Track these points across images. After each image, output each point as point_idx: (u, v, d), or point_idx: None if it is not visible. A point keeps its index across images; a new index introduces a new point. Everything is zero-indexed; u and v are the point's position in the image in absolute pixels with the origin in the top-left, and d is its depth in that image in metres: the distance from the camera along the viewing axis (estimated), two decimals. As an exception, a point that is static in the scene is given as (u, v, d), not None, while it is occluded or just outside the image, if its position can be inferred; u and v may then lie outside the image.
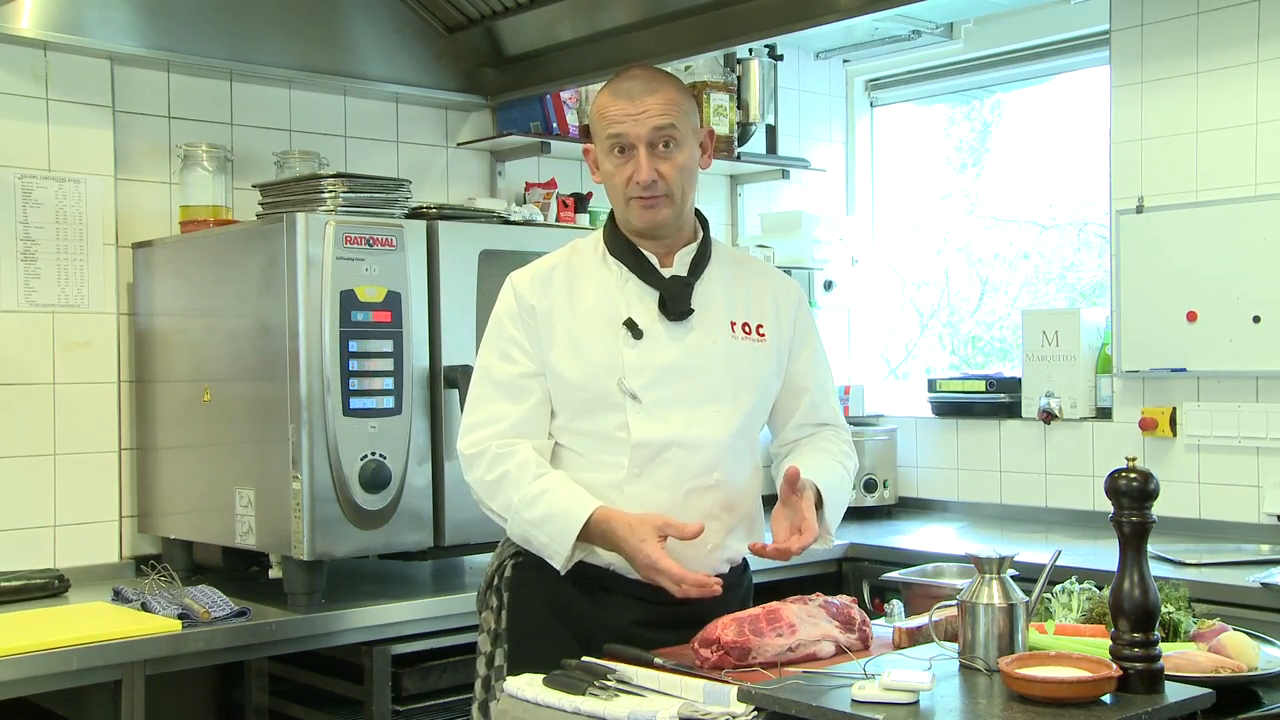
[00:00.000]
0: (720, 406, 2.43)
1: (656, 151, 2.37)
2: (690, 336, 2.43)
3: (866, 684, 1.87)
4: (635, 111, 2.36)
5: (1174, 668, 1.97)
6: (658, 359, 2.40)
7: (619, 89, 2.40)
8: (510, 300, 2.48)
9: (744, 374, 2.47)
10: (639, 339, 2.40)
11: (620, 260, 2.46)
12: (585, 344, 2.41)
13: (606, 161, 2.42)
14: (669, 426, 2.38)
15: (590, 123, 2.49)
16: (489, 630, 2.52)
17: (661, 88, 2.39)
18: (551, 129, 4.29)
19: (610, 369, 2.39)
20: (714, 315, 2.47)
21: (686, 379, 2.40)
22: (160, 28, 3.57)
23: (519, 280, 2.49)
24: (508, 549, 2.53)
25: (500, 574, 2.52)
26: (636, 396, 2.38)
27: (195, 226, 3.59)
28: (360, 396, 3.11)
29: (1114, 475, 1.95)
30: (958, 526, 4.47)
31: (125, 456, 3.61)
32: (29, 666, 2.67)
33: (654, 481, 2.38)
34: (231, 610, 2.97)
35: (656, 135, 2.37)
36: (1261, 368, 3.89)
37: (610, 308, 2.43)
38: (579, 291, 2.46)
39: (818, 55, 5.22)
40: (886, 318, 5.37)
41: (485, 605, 2.54)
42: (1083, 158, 4.78)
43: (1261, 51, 3.91)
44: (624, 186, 2.39)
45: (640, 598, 2.38)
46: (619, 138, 2.37)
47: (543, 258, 2.55)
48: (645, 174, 2.36)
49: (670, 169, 2.38)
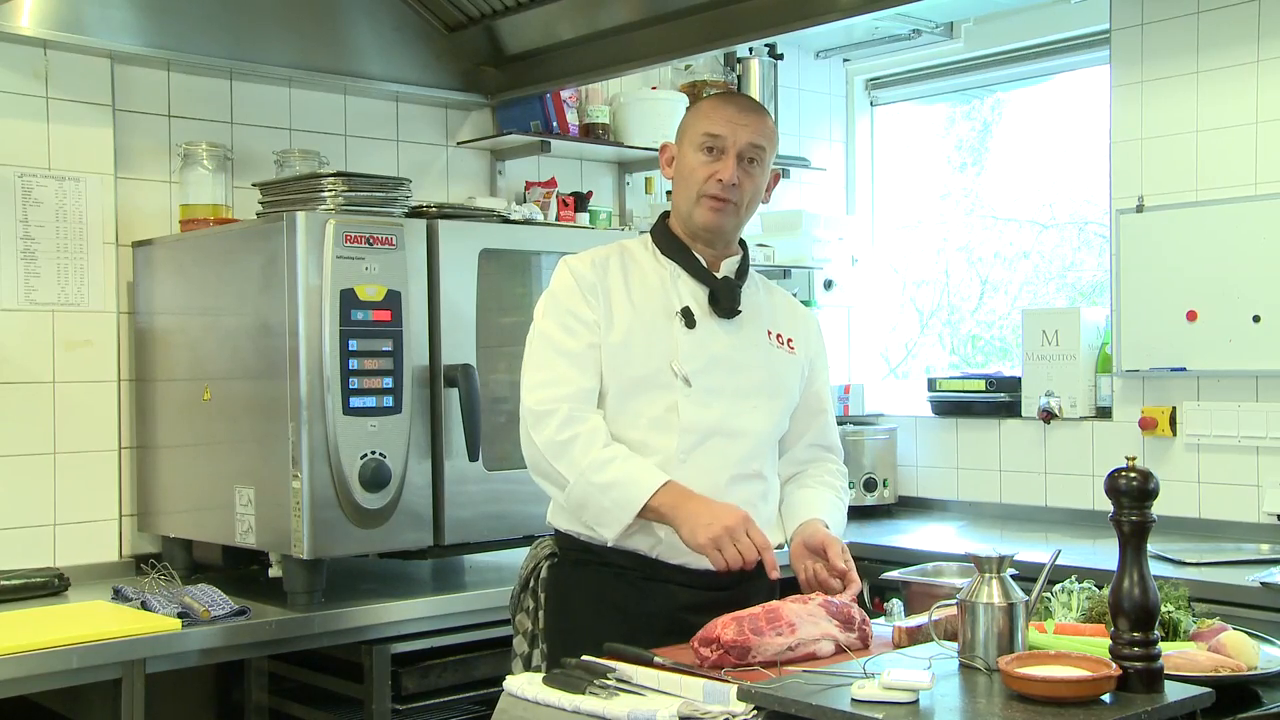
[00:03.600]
0: (760, 401, 2.55)
1: (742, 164, 2.51)
2: (737, 334, 2.55)
3: (866, 683, 1.87)
4: (739, 121, 2.51)
5: (1174, 667, 1.97)
6: (709, 348, 2.51)
7: (727, 99, 2.59)
8: (568, 278, 2.53)
9: (780, 377, 2.60)
10: (692, 328, 2.50)
11: (672, 258, 2.56)
12: (641, 326, 2.49)
13: (693, 156, 2.52)
14: (715, 414, 2.48)
15: (682, 122, 2.62)
16: (525, 632, 2.56)
17: (764, 115, 2.58)
18: (551, 128, 4.29)
19: (664, 352, 2.48)
20: (755, 320, 2.60)
21: (733, 372, 2.51)
22: (160, 26, 3.57)
23: (576, 263, 2.56)
24: (541, 550, 2.58)
25: (535, 575, 2.56)
26: (689, 381, 2.46)
27: (195, 225, 3.59)
28: (360, 395, 3.10)
29: (1114, 475, 1.95)
30: (957, 526, 4.47)
31: (125, 455, 3.61)
32: (29, 665, 2.67)
33: (699, 467, 2.45)
34: (231, 609, 2.97)
35: (749, 149, 2.51)
36: (1261, 367, 3.89)
37: (664, 297, 2.53)
38: (633, 280, 2.55)
39: (818, 54, 5.22)
40: (886, 317, 5.37)
41: (520, 608, 2.58)
42: (1083, 157, 4.78)
43: (1261, 51, 3.91)
44: (703, 182, 2.50)
45: (685, 584, 2.44)
46: (717, 138, 2.50)
47: (593, 249, 2.62)
48: (731, 174, 2.49)
49: (749, 182, 2.53)
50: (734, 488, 2.47)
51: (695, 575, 2.43)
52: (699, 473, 2.44)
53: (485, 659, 3.28)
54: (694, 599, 2.42)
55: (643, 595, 2.45)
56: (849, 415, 4.86)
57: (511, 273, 3.49)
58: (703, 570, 2.41)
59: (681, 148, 2.57)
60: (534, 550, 2.61)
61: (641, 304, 2.51)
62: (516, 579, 2.61)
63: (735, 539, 2.31)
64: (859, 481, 4.64)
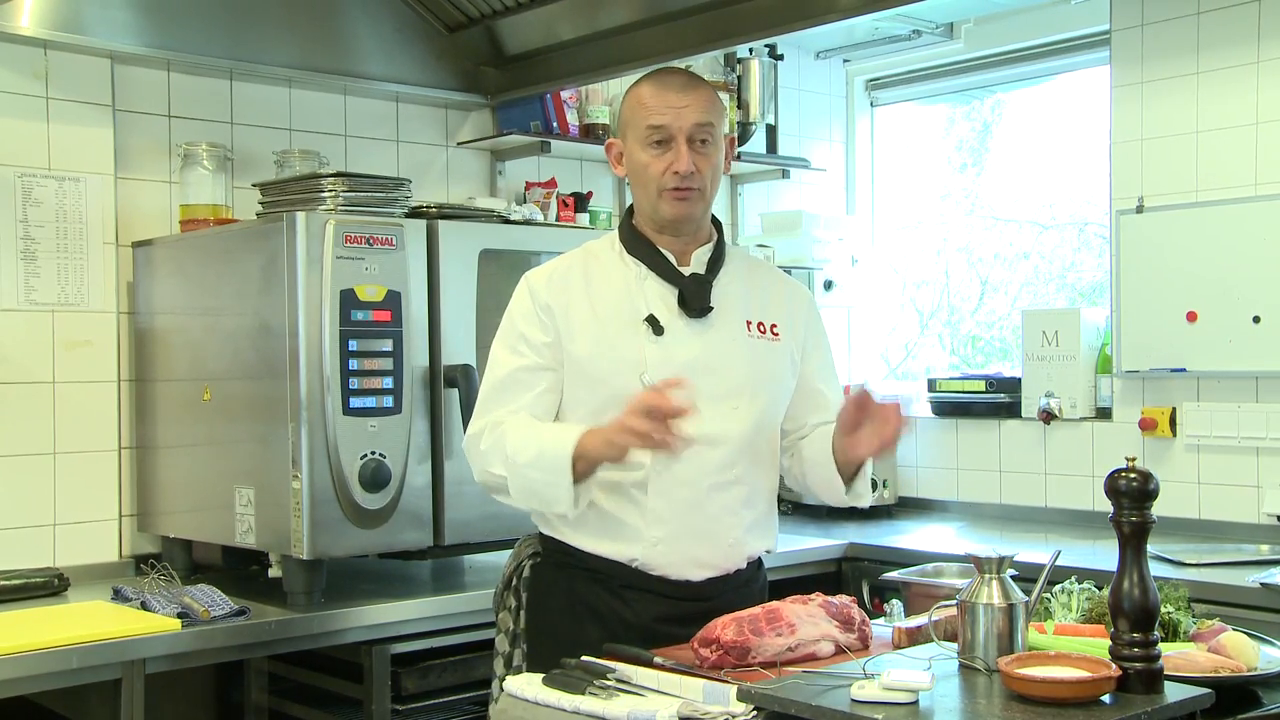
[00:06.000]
0: (739, 403, 2.45)
1: (694, 147, 2.40)
2: (709, 334, 2.45)
3: (866, 684, 1.87)
4: (679, 105, 2.39)
5: (1173, 668, 1.97)
6: (679, 355, 2.41)
7: (661, 82, 2.44)
8: (525, 299, 2.48)
9: (761, 372, 2.49)
10: (660, 335, 2.42)
11: (638, 258, 2.48)
12: (607, 340, 2.42)
13: (642, 153, 2.43)
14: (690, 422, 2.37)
15: (624, 116, 2.49)
16: (506, 631, 2.53)
17: (701, 87, 2.45)
18: (552, 128, 4.29)
19: (633, 365, 2.40)
20: (731, 314, 2.49)
21: (706, 375, 2.41)
22: (160, 27, 3.57)
23: (535, 280, 2.50)
24: (525, 549, 2.54)
25: (518, 574, 2.53)
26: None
27: (195, 225, 3.58)
28: (360, 396, 3.10)
29: (1114, 475, 1.95)
30: (957, 526, 4.47)
31: (125, 455, 3.61)
32: (29, 665, 2.67)
33: (676, 478, 2.39)
34: (231, 609, 2.97)
35: (697, 131, 2.40)
36: (1261, 368, 3.89)
37: (630, 304, 2.45)
38: (597, 289, 2.47)
39: (818, 55, 5.22)
40: (886, 317, 5.37)
41: (502, 606, 2.55)
42: (1083, 158, 4.78)
43: (1262, 51, 3.91)
44: (659, 177, 2.41)
45: (664, 594, 2.40)
46: (661, 129, 2.40)
47: (557, 258, 2.57)
48: (685, 164, 2.39)
49: (706, 165, 2.42)
50: (714, 495, 2.42)
51: (675, 586, 2.39)
52: (676, 484, 2.39)
53: (485, 659, 3.25)
54: (672, 610, 2.39)
55: (621, 602, 2.41)
56: (849, 416, 4.86)
57: (511, 273, 3.43)
58: (682, 581, 2.40)
59: (628, 144, 2.47)
60: (518, 548, 2.57)
61: (606, 315, 2.43)
62: (500, 576, 2.58)
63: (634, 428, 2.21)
64: (859, 482, 4.63)
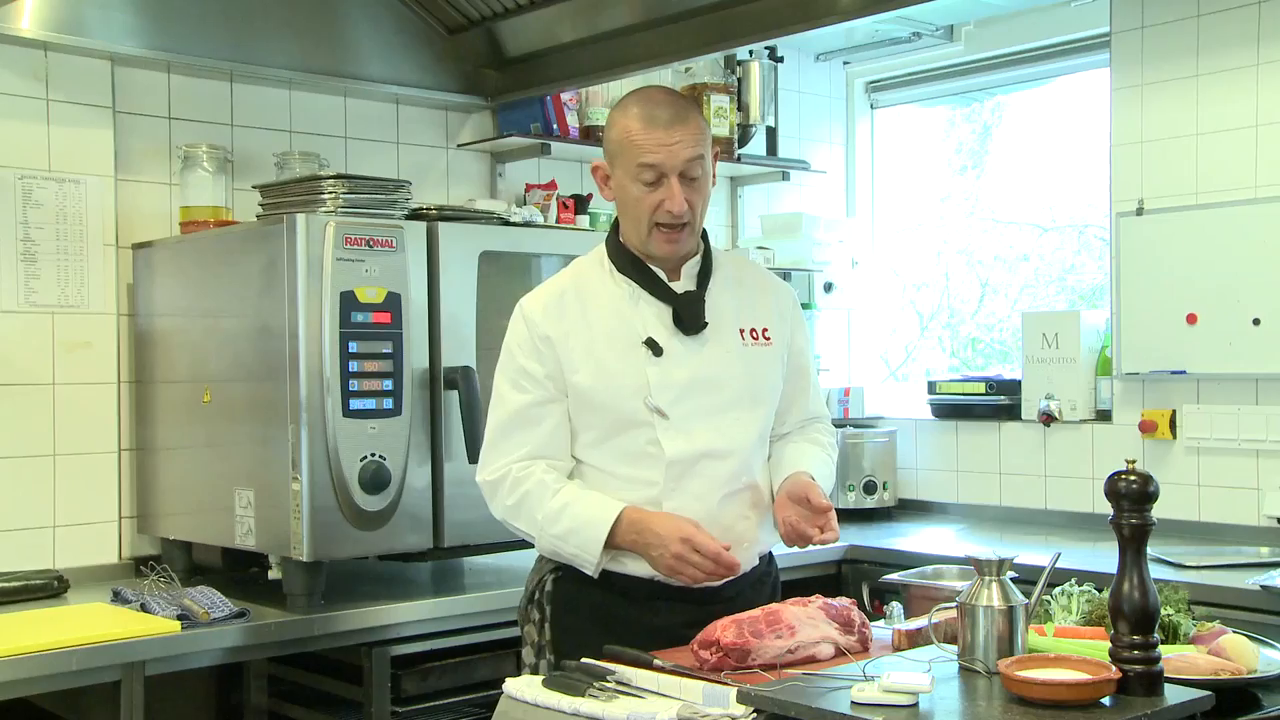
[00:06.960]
0: (741, 414, 2.48)
1: (685, 181, 2.39)
2: (706, 349, 2.47)
3: (866, 686, 1.87)
4: (670, 141, 2.37)
5: (1173, 670, 1.97)
6: (679, 375, 2.43)
7: (649, 117, 2.39)
8: (522, 330, 2.48)
9: (759, 380, 2.52)
10: (659, 356, 2.43)
11: (629, 276, 2.48)
12: (608, 365, 2.43)
13: (633, 187, 2.41)
14: (698, 439, 2.43)
15: (612, 145, 2.46)
16: (532, 643, 2.54)
17: (689, 115, 2.42)
18: (552, 130, 4.29)
19: (635, 388, 2.42)
20: (725, 326, 2.50)
21: (708, 392, 2.44)
22: (160, 28, 3.57)
23: (530, 309, 2.49)
24: (547, 563, 2.54)
25: (541, 588, 2.53)
26: (664, 413, 2.41)
27: (195, 227, 3.59)
28: (360, 398, 3.10)
29: (1114, 477, 1.95)
30: (957, 528, 4.47)
31: (125, 457, 3.61)
32: (29, 667, 2.66)
33: (689, 493, 2.42)
34: (231, 611, 2.97)
35: (689, 167, 2.39)
36: (1261, 370, 3.89)
37: (627, 326, 2.45)
38: (592, 312, 2.47)
39: (818, 57, 5.23)
40: (886, 320, 5.37)
41: (527, 619, 2.56)
42: (1083, 160, 4.78)
43: (1262, 54, 3.91)
44: (650, 212, 2.41)
45: (688, 600, 2.42)
46: (653, 168, 2.38)
47: (547, 282, 2.57)
48: (679, 205, 2.38)
49: (698, 200, 2.43)
50: (726, 504, 2.45)
51: (698, 592, 2.42)
52: (690, 499, 2.41)
53: (485, 661, 3.28)
54: (698, 614, 2.38)
55: (649, 612, 2.43)
56: (849, 418, 4.86)
57: (511, 275, 3.49)
58: (703, 587, 2.42)
59: (616, 173, 2.45)
60: (539, 563, 2.58)
61: (605, 341, 2.44)
62: (524, 589, 2.60)
63: (688, 561, 2.30)
64: (859, 484, 4.64)
